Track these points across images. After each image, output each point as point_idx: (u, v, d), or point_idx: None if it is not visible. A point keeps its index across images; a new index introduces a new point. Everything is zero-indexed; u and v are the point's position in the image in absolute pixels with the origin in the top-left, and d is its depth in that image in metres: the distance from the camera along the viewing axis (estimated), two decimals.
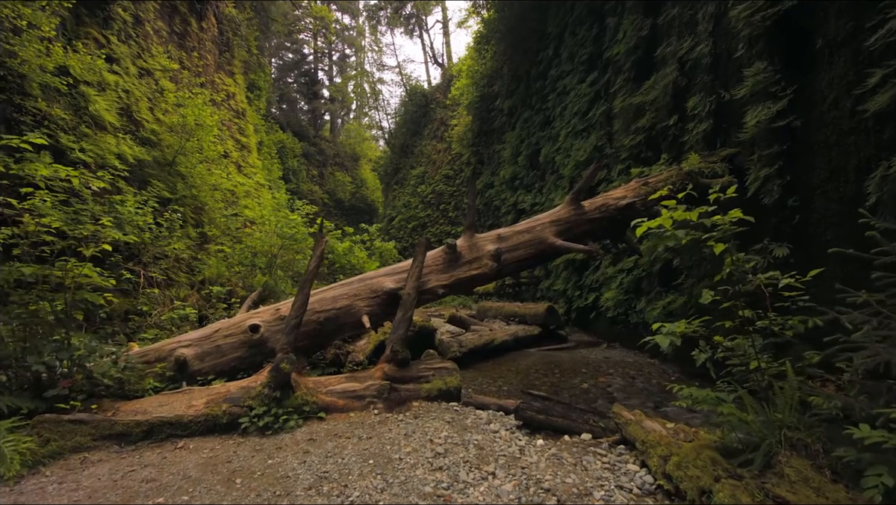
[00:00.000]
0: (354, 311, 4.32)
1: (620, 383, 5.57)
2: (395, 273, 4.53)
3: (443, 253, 4.57)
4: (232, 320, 4.27)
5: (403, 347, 4.15)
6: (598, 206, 4.92)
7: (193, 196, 9.96)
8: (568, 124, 11.00)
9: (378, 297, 4.39)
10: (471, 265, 4.56)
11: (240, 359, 4.12)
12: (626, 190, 5.16)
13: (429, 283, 4.48)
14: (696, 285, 6.18)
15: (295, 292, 4.48)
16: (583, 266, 9.56)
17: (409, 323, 4.22)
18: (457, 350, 6.70)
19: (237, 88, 15.87)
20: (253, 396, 3.41)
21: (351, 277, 4.64)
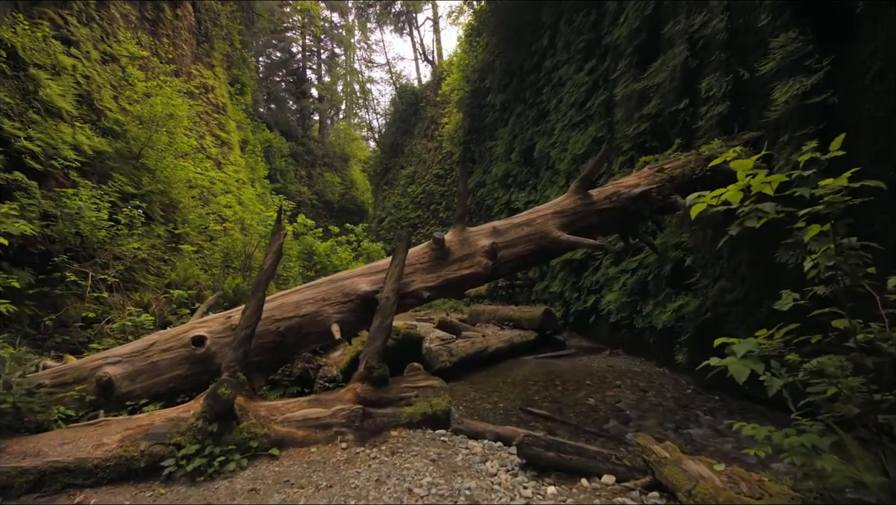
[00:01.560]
0: (322, 318, 3.56)
1: (631, 398, 4.86)
2: (371, 273, 3.78)
3: (428, 249, 3.83)
4: (172, 331, 3.49)
5: (380, 362, 3.40)
6: (608, 195, 4.22)
7: (163, 192, 9.12)
8: (564, 117, 10.33)
9: (351, 301, 3.64)
10: (461, 263, 3.82)
11: (180, 378, 3.34)
12: (639, 177, 4.46)
13: (412, 284, 3.74)
14: (711, 286, 5.51)
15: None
16: (581, 266, 8.87)
17: (387, 333, 3.47)
18: (446, 360, 5.96)
19: (217, 82, 15.02)
20: (183, 431, 2.64)
21: (319, 279, 3.87)
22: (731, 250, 5.35)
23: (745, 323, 5.00)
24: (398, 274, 3.57)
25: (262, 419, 2.92)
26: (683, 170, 4.49)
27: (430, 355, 5.78)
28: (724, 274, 5.41)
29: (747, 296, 5.02)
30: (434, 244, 3.85)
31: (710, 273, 5.61)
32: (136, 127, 9.01)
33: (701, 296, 5.55)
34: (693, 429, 4.04)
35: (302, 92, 32.22)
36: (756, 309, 4.88)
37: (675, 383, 5.45)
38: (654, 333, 6.49)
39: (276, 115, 30.29)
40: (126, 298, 7.29)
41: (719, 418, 4.30)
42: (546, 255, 4.14)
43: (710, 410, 4.50)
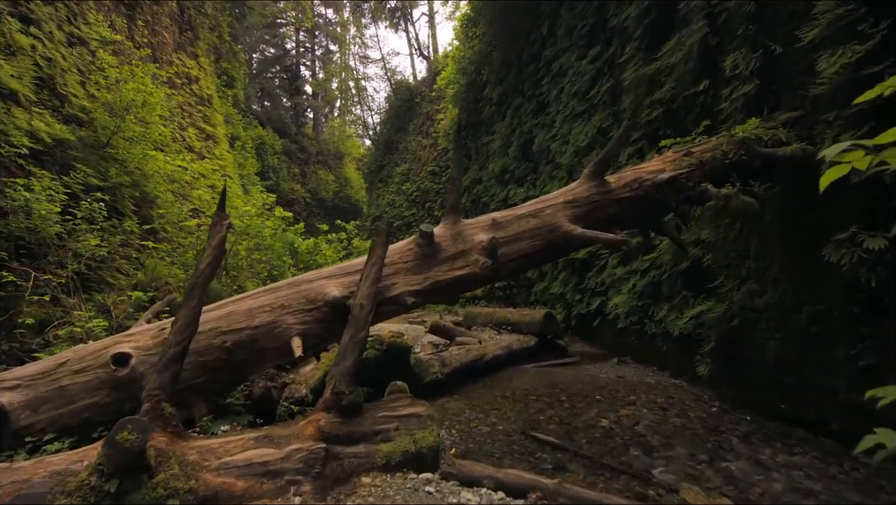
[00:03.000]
0: (280, 330, 2.83)
1: (650, 419, 4.16)
2: (343, 274, 3.05)
3: (414, 246, 3.11)
4: (89, 347, 2.76)
5: (351, 385, 2.68)
6: (629, 182, 3.51)
7: (134, 184, 8.35)
8: (565, 107, 9.62)
9: (317, 309, 2.91)
10: (454, 262, 3.11)
11: (97, 408, 2.61)
12: (663, 162, 3.75)
13: (393, 288, 3.02)
14: (736, 289, 4.82)
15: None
16: (584, 266, 8.17)
17: (360, 348, 2.75)
18: (438, 371, 5.25)
19: (202, 73, 14.23)
20: (71, 490, 1.91)
21: (279, 281, 3.14)
22: (759, 249, 4.67)
23: (780, 331, 4.32)
24: (375, 276, 2.85)
25: (189, 467, 2.19)
26: (714, 154, 3.79)
27: (420, 366, 5.06)
28: (751, 275, 4.72)
29: (782, 300, 4.33)
30: (420, 239, 3.12)
31: (735, 274, 4.92)
32: (105, 115, 8.23)
33: (725, 300, 4.86)
34: (731, 461, 3.33)
35: (296, 88, 31.39)
36: (793, 315, 4.19)
37: (697, 399, 4.76)
38: (668, 340, 5.79)
39: (270, 112, 29.46)
40: (83, 301, 6.54)
41: (757, 446, 3.60)
42: (555, 252, 3.43)
43: (745, 435, 3.81)
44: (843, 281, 3.70)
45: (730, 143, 3.89)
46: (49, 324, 5.65)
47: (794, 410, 4.13)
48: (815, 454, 3.46)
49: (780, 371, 4.27)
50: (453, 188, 3.23)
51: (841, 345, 3.77)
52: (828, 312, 3.91)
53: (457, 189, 3.22)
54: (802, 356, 4.10)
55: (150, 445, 2.17)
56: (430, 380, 5.10)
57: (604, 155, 3.51)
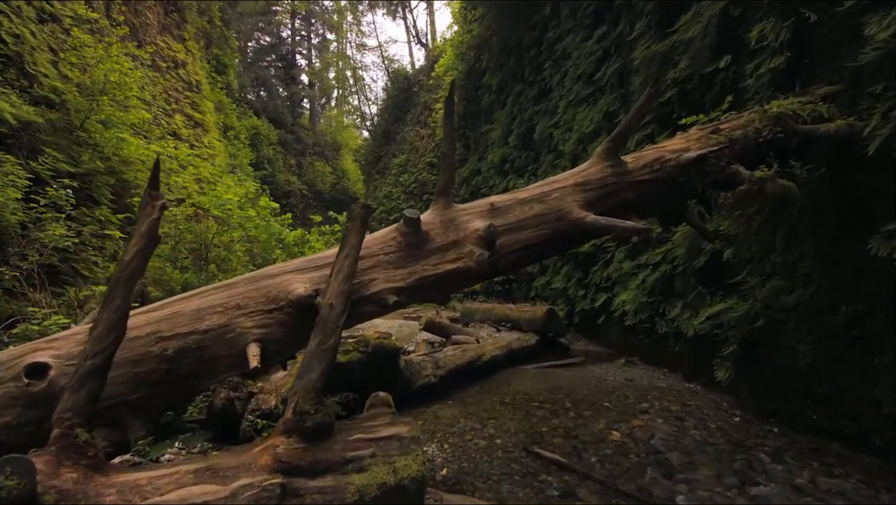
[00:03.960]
0: (234, 335, 2.35)
1: (666, 431, 3.70)
2: (312, 268, 2.57)
3: (396, 234, 2.62)
4: (2, 356, 2.28)
5: (318, 403, 2.20)
6: (648, 162, 3.02)
7: (111, 170, 7.83)
8: (569, 92, 9.09)
9: (279, 309, 2.42)
10: (444, 254, 2.62)
11: (8, 430, 2.13)
12: (687, 140, 3.26)
13: (371, 284, 2.53)
14: (760, 286, 4.34)
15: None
16: (589, 259, 7.69)
17: (329, 358, 2.27)
18: (431, 373, 4.78)
19: (190, 58, 13.64)
20: None
21: (236, 277, 2.65)
22: (787, 241, 4.19)
23: (812, 334, 3.84)
24: (348, 270, 2.36)
25: None
26: (746, 131, 3.30)
27: (411, 369, 4.59)
28: (777, 270, 4.25)
29: (814, 299, 3.85)
30: (405, 227, 2.63)
31: (759, 269, 4.44)
32: (79, 96, 7.69)
33: (748, 298, 4.38)
34: (763, 485, 2.87)
35: (291, 78, 30.69)
36: (828, 316, 3.72)
37: (715, 407, 4.30)
38: (681, 340, 5.32)
39: (265, 102, 28.81)
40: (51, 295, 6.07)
41: (792, 465, 3.14)
42: (563, 242, 2.94)
43: (776, 452, 3.34)
44: (891, 277, 3.23)
45: (763, 120, 3.39)
46: (6, 320, 5.19)
47: (829, 422, 3.67)
48: (859, 476, 3.00)
49: (812, 378, 3.81)
50: (445, 166, 2.73)
51: (887, 350, 3.30)
52: (870, 312, 3.43)
53: (449, 167, 2.73)
54: (839, 362, 3.63)
55: (53, 484, 1.71)
56: (423, 384, 4.64)
57: (620, 130, 3.01)
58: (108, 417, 2.27)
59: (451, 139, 2.74)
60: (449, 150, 2.71)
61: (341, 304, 2.32)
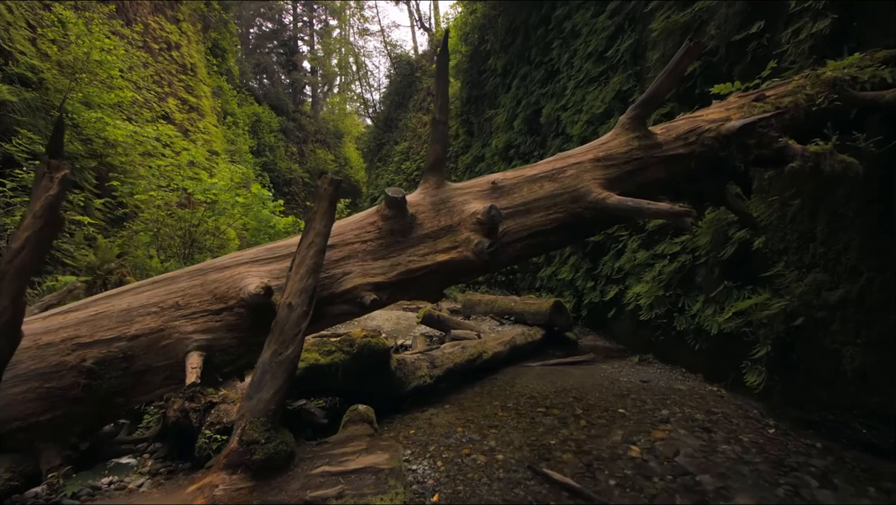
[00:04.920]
0: (171, 342, 1.88)
1: (694, 445, 3.21)
2: (272, 258, 2.08)
3: (377, 218, 2.12)
4: None
5: (272, 430, 1.72)
6: (682, 134, 2.49)
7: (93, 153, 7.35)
8: (578, 72, 8.49)
9: (228, 309, 1.94)
10: (436, 242, 2.13)
11: None
12: (727, 109, 2.73)
13: (345, 279, 2.04)
14: (800, 280, 3.81)
15: None
16: (598, 249, 7.17)
17: (288, 372, 1.78)
18: (427, 374, 4.31)
19: (184, 39, 13.07)
20: None
21: (178, 270, 2.16)
22: (829, 229, 3.65)
23: (861, 335, 3.32)
24: (313, 262, 1.87)
25: None
26: (796, 99, 2.75)
27: (404, 369, 4.12)
28: (818, 262, 3.72)
29: (863, 295, 3.33)
30: (387, 209, 2.13)
31: (797, 261, 3.90)
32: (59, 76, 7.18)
33: (784, 293, 3.86)
34: None
35: (293, 64, 29.99)
36: (880, 315, 3.21)
37: (745, 416, 3.80)
38: (703, 338, 4.81)
39: (267, 89, 28.20)
40: None
41: (845, 491, 2.65)
42: (579, 228, 2.43)
43: (824, 474, 2.85)
44: None
45: (816, 85, 2.84)
46: None
47: (882, 437, 3.17)
48: None
49: (860, 386, 3.29)
50: (436, 134, 2.22)
51: None
52: None
53: (441, 136, 2.21)
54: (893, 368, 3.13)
55: None
56: (417, 385, 4.17)
57: (650, 94, 2.48)
58: (11, 443, 1.80)
59: (445, 100, 2.22)
60: (441, 115, 2.19)
61: (303, 303, 1.83)
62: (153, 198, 6.17)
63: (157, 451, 2.75)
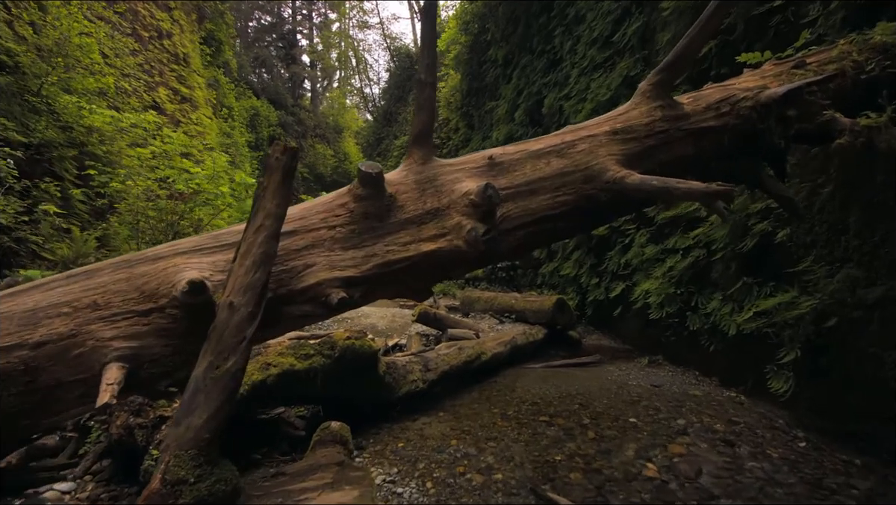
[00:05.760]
0: (84, 350, 1.50)
1: (717, 462, 2.82)
2: (218, 247, 1.70)
3: (348, 199, 1.73)
4: None
5: (203, 465, 1.33)
6: (713, 104, 2.10)
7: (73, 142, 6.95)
8: (582, 59, 8.07)
9: (159, 310, 1.56)
10: (420, 228, 1.74)
11: None
12: (762, 77, 2.33)
13: (307, 272, 1.65)
14: (832, 276, 3.41)
15: None
16: (603, 243, 6.77)
17: (228, 390, 1.40)
18: (419, 378, 3.93)
19: (177, 28, 12.65)
20: None
21: (101, 262, 1.76)
22: (866, 219, 3.26)
23: None
24: (263, 251, 1.48)
25: None
26: (842, 65, 2.35)
27: (395, 373, 3.73)
28: (851, 257, 3.32)
29: None
30: (360, 188, 1.74)
31: (827, 256, 3.51)
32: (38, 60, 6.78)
33: (813, 291, 3.46)
34: None
35: (292, 58, 29.50)
36: None
37: (770, 426, 3.41)
38: (719, 339, 4.42)
39: (265, 83, 27.73)
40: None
41: None
42: (592, 214, 2.03)
43: (868, 496, 2.47)
44: None
45: (864, 51, 2.43)
46: None
47: None
48: None
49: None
50: (421, 100, 1.82)
51: None
52: None
53: (428, 102, 1.82)
54: None
55: None
56: (409, 390, 3.79)
57: (675, 56, 2.08)
58: None
59: (432, 58, 1.82)
60: (428, 75, 1.80)
61: (249, 303, 1.44)
62: (129, 187, 5.78)
63: (103, 471, 2.37)
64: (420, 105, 1.83)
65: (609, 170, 1.89)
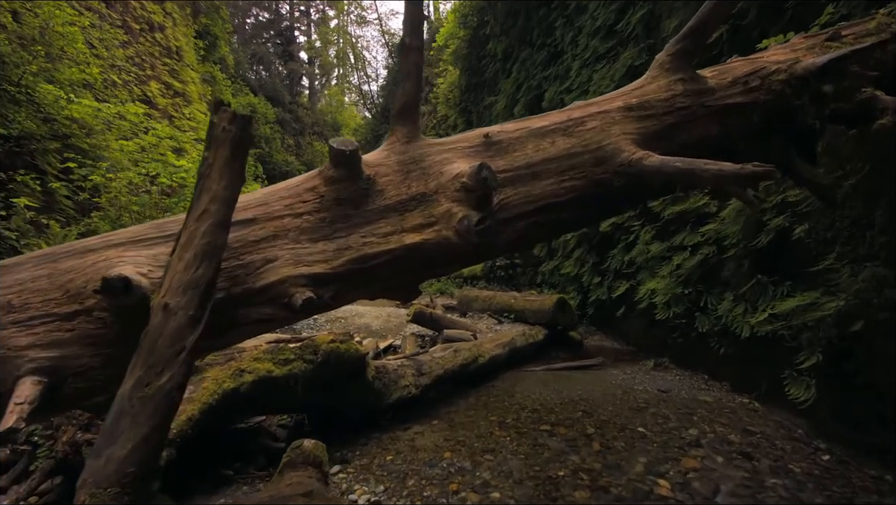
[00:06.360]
0: None
1: (735, 479, 2.56)
2: (159, 238, 1.44)
3: (318, 182, 1.46)
4: None
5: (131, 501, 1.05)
6: (740, 77, 1.84)
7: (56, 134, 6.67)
8: (584, 50, 7.79)
9: (86, 312, 1.29)
10: (403, 216, 1.46)
11: None
12: (793, 50, 2.06)
13: (269, 268, 1.38)
14: (855, 275, 3.15)
15: None
16: (606, 241, 6.50)
17: (161, 413, 1.13)
18: (412, 383, 3.66)
19: (169, 21, 12.35)
20: None
21: (24, 255, 1.49)
22: (892, 213, 3.00)
23: None
24: (209, 241, 1.21)
25: None
26: (881, 37, 2.07)
27: (385, 378, 3.46)
28: (878, 254, 3.06)
29: None
30: (333, 168, 1.47)
31: (850, 253, 3.25)
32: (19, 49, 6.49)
33: (836, 291, 3.20)
34: None
35: (290, 54, 29.17)
36: None
37: (789, 436, 3.15)
38: (730, 341, 4.16)
39: (263, 80, 27.43)
40: None
41: None
42: (604, 201, 1.77)
43: None
44: None
45: None
46: None
47: None
48: None
49: None
50: (405, 69, 1.55)
51: None
52: None
53: (413, 71, 1.55)
54: None
55: None
56: (400, 396, 3.52)
57: (699, 21, 1.82)
58: None
59: (418, 18, 1.54)
60: (414, 39, 1.52)
61: (190, 305, 1.18)
62: (112, 180, 5.50)
63: (54, 489, 2.10)
64: (405, 73, 1.56)
65: (623, 150, 1.63)
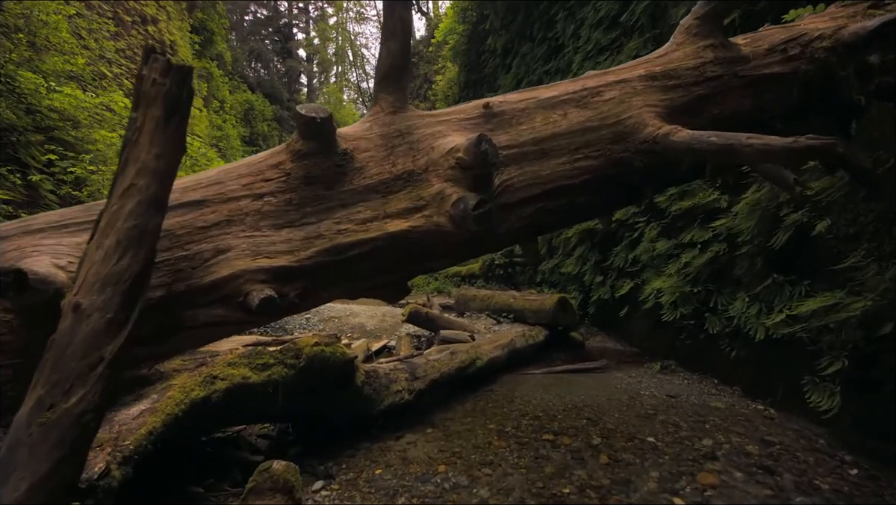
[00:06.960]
0: None
1: (757, 496, 2.31)
2: (85, 223, 1.18)
3: (285, 158, 1.20)
4: None
5: None
6: (777, 44, 1.59)
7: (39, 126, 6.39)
8: (586, 43, 7.55)
9: None
10: (387, 198, 1.20)
11: None
12: (833, 18, 1.80)
13: (221, 260, 1.12)
14: (882, 273, 2.90)
15: None
16: (608, 238, 6.26)
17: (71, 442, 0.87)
18: (405, 388, 3.41)
19: (163, 15, 12.08)
20: None
21: None
22: None
23: None
24: (136, 224, 0.95)
25: None
26: None
27: (376, 383, 3.21)
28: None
29: None
30: (301, 140, 1.21)
31: (875, 250, 3.00)
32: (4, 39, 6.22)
33: (860, 291, 2.95)
34: None
35: (288, 52, 28.86)
36: None
37: (810, 447, 2.90)
38: (743, 343, 3.91)
39: (261, 77, 27.14)
40: None
41: None
42: (623, 184, 1.50)
43: None
44: None
45: None
46: None
47: None
48: None
49: None
50: (390, 27, 1.29)
51: None
52: None
53: (400, 29, 1.29)
54: None
55: None
56: (392, 403, 3.27)
57: None
58: None
59: None
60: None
61: (109, 305, 0.94)
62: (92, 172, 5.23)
63: None
64: (390, 31, 1.30)
65: (647, 125, 1.38)
